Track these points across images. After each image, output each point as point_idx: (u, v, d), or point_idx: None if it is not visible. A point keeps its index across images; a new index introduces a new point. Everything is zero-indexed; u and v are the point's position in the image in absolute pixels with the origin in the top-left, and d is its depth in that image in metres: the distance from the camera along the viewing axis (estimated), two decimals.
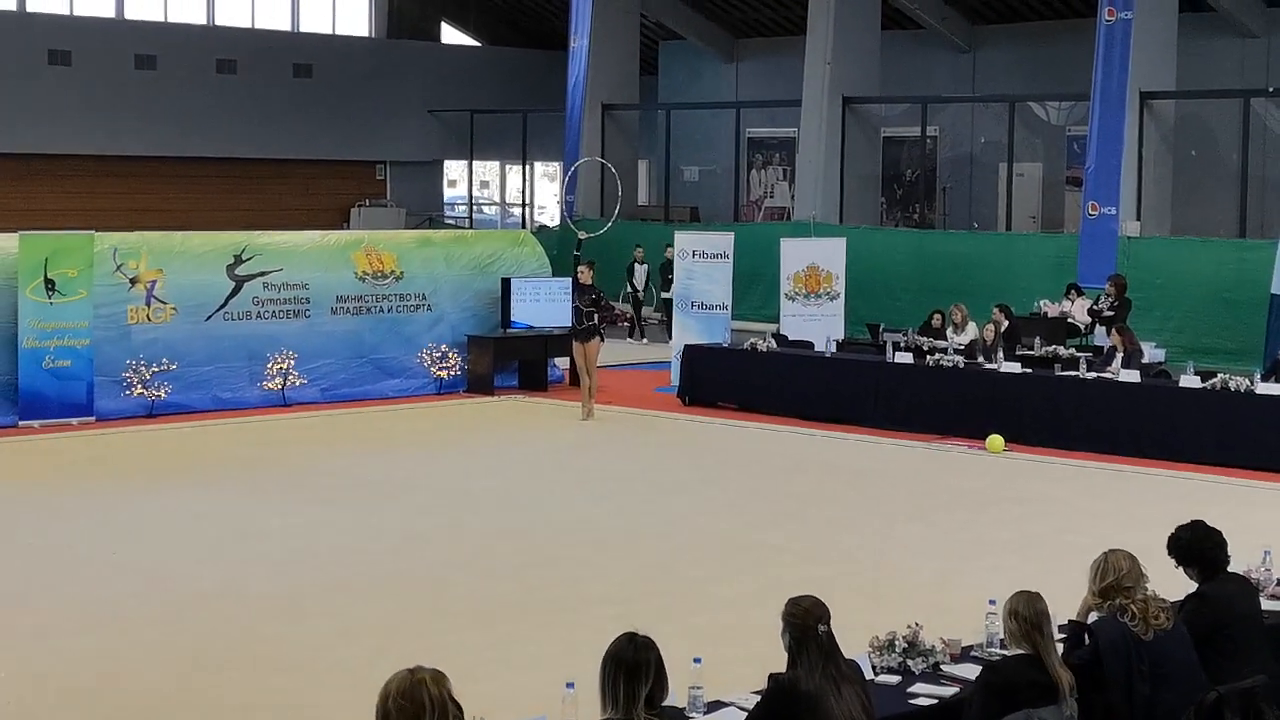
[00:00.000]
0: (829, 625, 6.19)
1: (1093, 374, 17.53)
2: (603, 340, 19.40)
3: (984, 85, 32.72)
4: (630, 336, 27.93)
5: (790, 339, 21.12)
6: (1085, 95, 26.35)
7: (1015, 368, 18.00)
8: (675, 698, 6.11)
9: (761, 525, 13.48)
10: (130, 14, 35.56)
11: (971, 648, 7.53)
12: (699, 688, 6.66)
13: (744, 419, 19.09)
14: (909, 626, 7.43)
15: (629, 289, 28.63)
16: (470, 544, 12.73)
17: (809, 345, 20.46)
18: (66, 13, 34.63)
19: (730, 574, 11.77)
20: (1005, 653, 6.71)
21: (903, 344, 19.51)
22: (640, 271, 28.35)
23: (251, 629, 10.27)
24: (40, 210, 30.77)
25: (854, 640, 6.96)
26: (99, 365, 18.53)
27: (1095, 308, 21.69)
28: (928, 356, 18.89)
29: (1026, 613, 6.57)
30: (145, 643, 9.95)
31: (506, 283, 21.41)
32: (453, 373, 21.10)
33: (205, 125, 35.47)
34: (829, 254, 22.52)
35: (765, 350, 20.04)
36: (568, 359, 21.89)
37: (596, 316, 19.05)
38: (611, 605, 10.63)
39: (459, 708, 5.30)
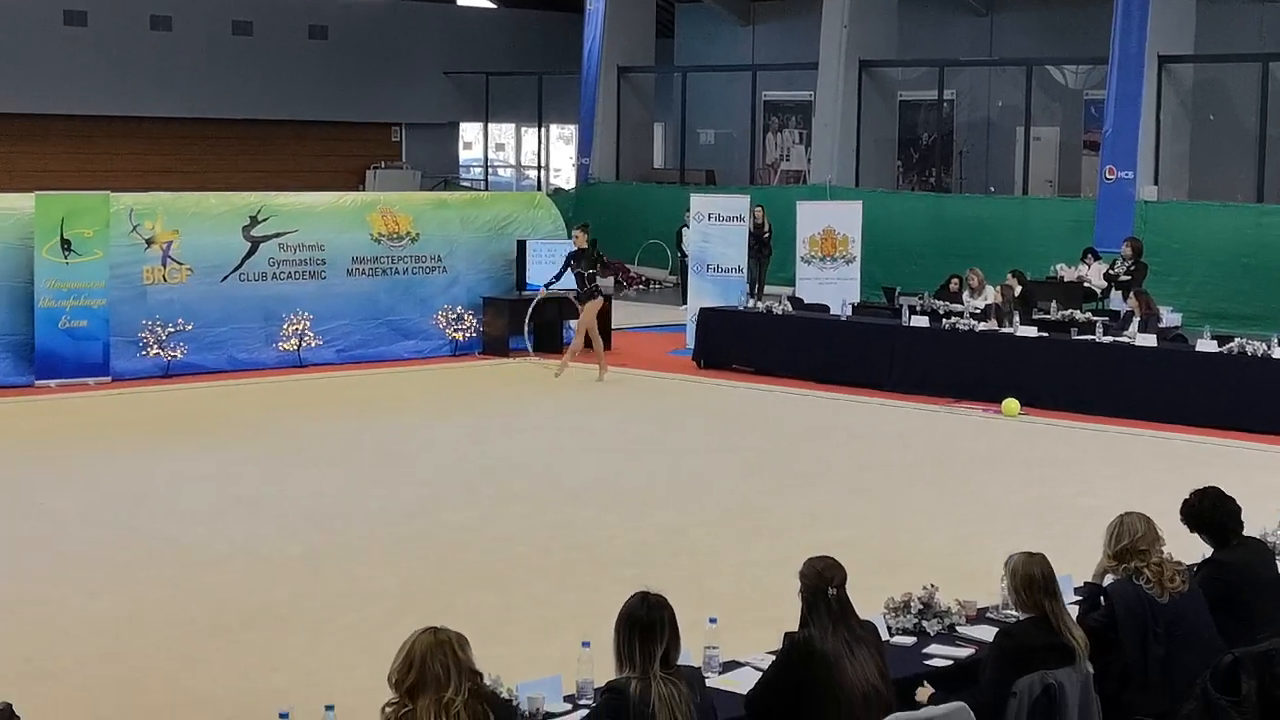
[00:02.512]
0: (841, 588, 6.20)
1: (1109, 338, 17.50)
2: (604, 299, 19.44)
3: (1001, 49, 32.56)
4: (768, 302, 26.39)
5: (806, 302, 21.09)
6: (1103, 59, 26.23)
7: (1031, 332, 17.96)
8: (690, 657, 6.13)
9: (777, 488, 13.48)
10: None
11: (987, 609, 7.52)
12: (715, 647, 6.67)
13: (759, 382, 19.08)
14: (924, 588, 7.42)
15: (679, 253, 27.25)
16: (485, 506, 12.75)
17: (825, 309, 20.44)
18: None
19: (745, 537, 11.78)
20: (1019, 615, 6.70)
21: (919, 308, 19.48)
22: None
23: (267, 590, 10.29)
24: (56, 171, 30.78)
25: (869, 602, 6.96)
26: (115, 325, 18.55)
27: (1111, 272, 21.63)
28: (944, 320, 18.85)
29: (1036, 574, 6.55)
30: (161, 603, 9.98)
31: (522, 245, 21.39)
32: (468, 334, 21.11)
33: (221, 86, 35.42)
34: (845, 217, 22.46)
35: (781, 313, 20.01)
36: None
37: (596, 278, 19.15)
38: (626, 567, 10.65)
39: (479, 674, 5.34)
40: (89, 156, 33.23)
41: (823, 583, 6.15)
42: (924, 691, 6.47)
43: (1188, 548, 7.69)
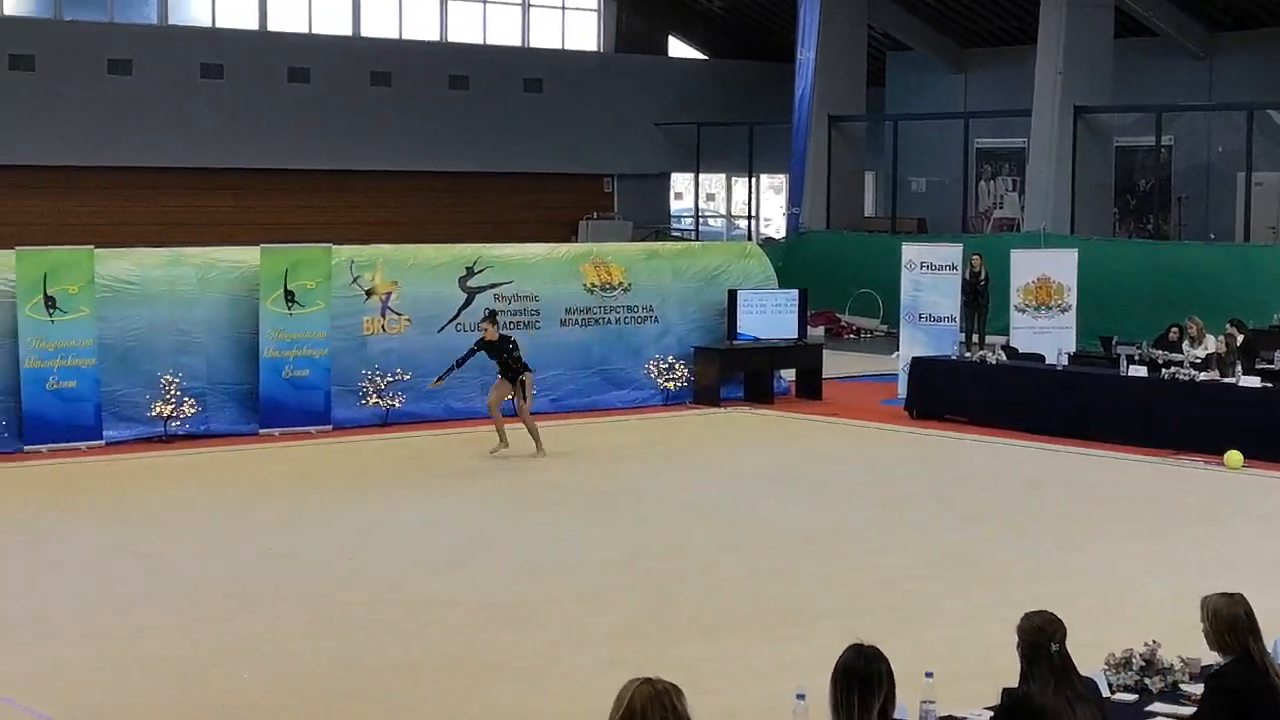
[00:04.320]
0: (1062, 644, 6.09)
1: None
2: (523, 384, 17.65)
3: (1221, 93, 31.93)
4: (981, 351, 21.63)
5: (1021, 351, 20.84)
6: None
7: (1255, 382, 17.52)
8: (906, 712, 6.07)
9: (992, 540, 13.31)
10: (366, 31, 36.39)
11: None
12: (931, 702, 6.59)
13: (972, 432, 18.88)
14: (1146, 644, 7.28)
15: (965, 298, 23.68)
16: (696, 555, 12.77)
17: (1040, 358, 20.18)
18: (305, 31, 35.55)
19: (959, 589, 11.65)
20: (1221, 658, 6.54)
21: (1137, 357, 19.13)
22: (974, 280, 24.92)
23: (480, 637, 10.42)
24: (281, 224, 31.58)
25: (1087, 658, 6.84)
26: (336, 375, 18.97)
27: None
28: (1163, 370, 18.49)
29: (1240, 614, 6.39)
30: (377, 649, 10.15)
31: (733, 294, 21.44)
32: (679, 384, 21.18)
33: (438, 140, 36.14)
34: (1060, 265, 22.16)
35: (995, 363, 19.80)
36: (794, 370, 21.89)
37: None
38: (838, 618, 10.59)
39: None
40: (311, 210, 34.09)
41: (1043, 638, 6.04)
42: None
43: None
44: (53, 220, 31.00)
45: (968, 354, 20.81)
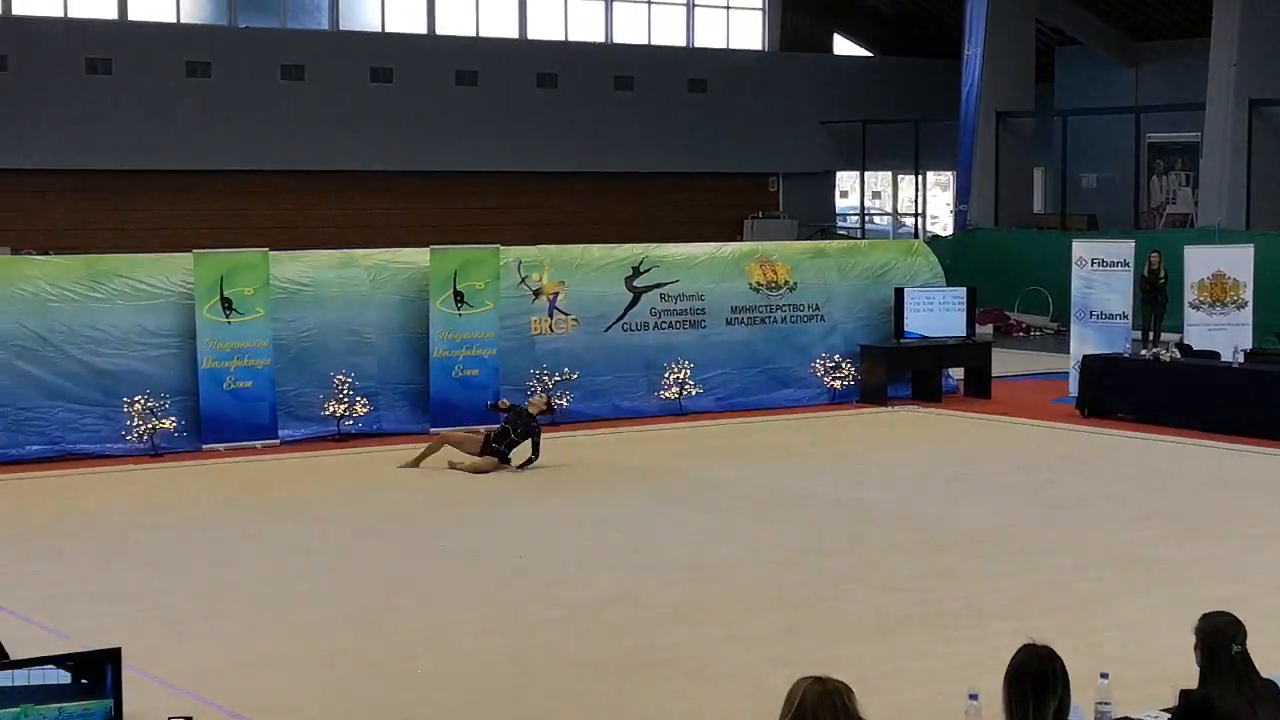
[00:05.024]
0: (1244, 645, 5.99)
1: None
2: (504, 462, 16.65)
3: None
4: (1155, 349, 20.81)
5: (1195, 349, 20.47)
6: None
7: None
8: (1080, 713, 6.00)
9: (1166, 540, 13.09)
10: (533, 34, 36.69)
11: None
12: (1107, 703, 6.51)
13: (1145, 431, 18.59)
14: None
15: (1144, 295, 24.35)
16: (864, 555, 12.71)
17: (1215, 355, 19.82)
18: (472, 34, 35.93)
19: (1134, 590, 11.48)
20: None
21: None
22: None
23: (649, 635, 10.45)
24: (449, 225, 31.95)
25: (1268, 660, 6.71)
26: (504, 374, 19.15)
27: None
28: None
29: None
30: (548, 647, 10.22)
31: (900, 292, 21.31)
32: (846, 383, 21.09)
33: (603, 140, 36.35)
34: (1236, 261, 21.73)
35: (1168, 360, 19.49)
36: (962, 369, 21.70)
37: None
38: (1009, 619, 10.48)
39: None
40: (479, 211, 34.45)
41: (1224, 639, 5.94)
42: None
43: None
44: (229, 224, 31.69)
45: (1142, 351, 20.50)
